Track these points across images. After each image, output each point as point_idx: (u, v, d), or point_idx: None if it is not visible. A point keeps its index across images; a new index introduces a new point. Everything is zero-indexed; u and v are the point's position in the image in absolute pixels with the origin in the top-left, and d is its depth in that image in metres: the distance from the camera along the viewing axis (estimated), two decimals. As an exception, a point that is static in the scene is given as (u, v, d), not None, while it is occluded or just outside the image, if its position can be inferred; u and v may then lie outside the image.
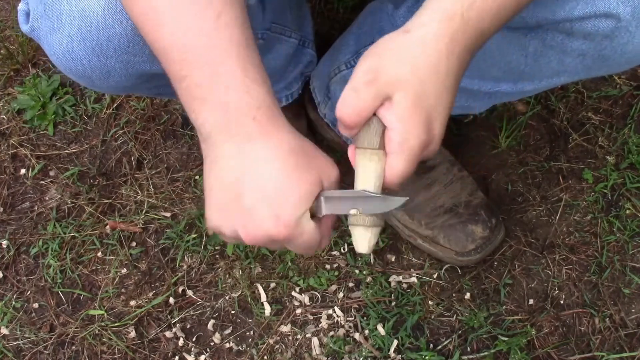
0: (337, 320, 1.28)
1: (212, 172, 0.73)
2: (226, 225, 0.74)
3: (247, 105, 0.70)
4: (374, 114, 0.72)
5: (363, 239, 0.76)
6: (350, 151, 0.76)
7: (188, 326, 1.30)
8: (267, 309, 1.30)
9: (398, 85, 0.70)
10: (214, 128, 0.71)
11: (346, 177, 0.78)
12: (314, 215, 0.74)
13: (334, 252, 1.34)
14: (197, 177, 1.43)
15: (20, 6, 0.90)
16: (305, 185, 0.71)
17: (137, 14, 0.73)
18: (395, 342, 1.25)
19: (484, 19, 0.72)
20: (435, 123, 0.73)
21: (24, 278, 1.36)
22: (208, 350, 1.28)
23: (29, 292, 1.35)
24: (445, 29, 0.71)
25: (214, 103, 0.70)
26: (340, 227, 1.37)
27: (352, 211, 0.75)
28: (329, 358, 1.25)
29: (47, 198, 1.44)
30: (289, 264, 1.33)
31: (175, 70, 0.72)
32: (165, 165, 1.45)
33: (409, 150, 0.72)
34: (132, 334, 1.28)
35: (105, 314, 1.31)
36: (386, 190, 0.75)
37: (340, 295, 1.31)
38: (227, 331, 1.29)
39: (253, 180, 0.71)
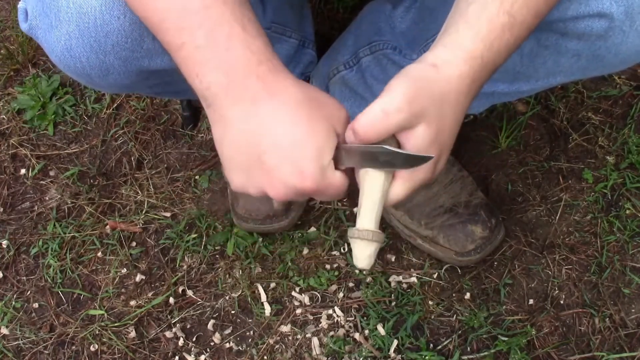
0: (337, 320, 1.28)
1: (224, 137, 0.73)
2: (251, 185, 0.74)
3: (248, 62, 0.70)
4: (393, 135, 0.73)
5: (363, 254, 0.76)
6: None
7: (188, 326, 1.30)
8: (267, 309, 1.30)
9: (424, 118, 0.71)
10: (219, 90, 0.71)
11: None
12: (336, 165, 0.74)
13: (334, 252, 1.34)
14: (197, 177, 1.43)
15: (20, 4, 0.90)
16: (321, 135, 0.71)
17: None
18: (395, 342, 1.25)
19: (500, 56, 0.74)
20: (442, 160, 0.76)
21: (24, 278, 1.36)
22: (208, 350, 1.28)
23: (29, 292, 1.35)
24: (467, 70, 0.72)
25: (215, 62, 0.70)
26: (340, 227, 1.37)
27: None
28: (329, 358, 1.25)
29: (47, 198, 1.44)
30: (289, 264, 1.33)
31: (173, 40, 0.71)
32: (165, 165, 1.46)
33: (415, 181, 0.74)
34: (132, 334, 1.28)
35: (105, 314, 1.31)
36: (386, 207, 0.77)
37: (340, 295, 1.31)
38: (227, 331, 1.29)
39: (270, 140, 0.71)
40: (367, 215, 0.76)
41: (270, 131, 0.71)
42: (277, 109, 0.71)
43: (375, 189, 0.75)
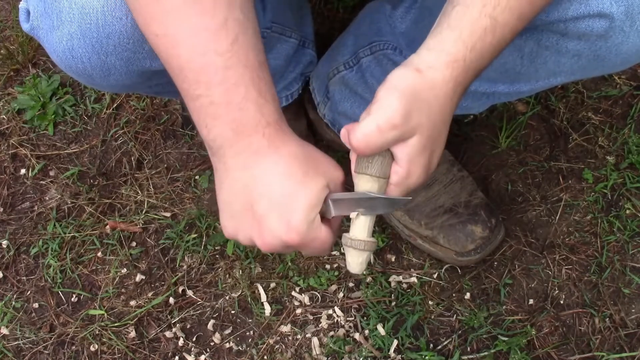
0: (337, 320, 1.28)
1: (223, 183, 0.76)
2: (241, 233, 0.77)
3: (258, 123, 0.73)
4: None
5: (360, 261, 0.80)
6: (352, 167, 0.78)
7: (188, 326, 1.30)
8: (267, 309, 1.30)
9: (416, 130, 0.73)
10: (225, 142, 0.73)
11: (347, 178, 0.80)
12: (323, 217, 0.77)
13: (334, 252, 1.34)
14: (197, 177, 1.43)
15: (21, 4, 0.90)
16: (313, 191, 0.74)
17: (153, 34, 0.73)
18: (395, 342, 1.25)
19: (483, 58, 0.75)
20: (434, 161, 0.78)
21: (24, 278, 1.36)
22: (208, 350, 1.28)
23: (29, 292, 1.35)
24: (450, 72, 0.73)
25: (226, 121, 0.73)
26: (340, 227, 1.36)
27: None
28: (329, 358, 1.25)
29: (47, 198, 1.44)
30: (289, 264, 1.33)
31: (189, 89, 0.73)
32: (165, 165, 1.46)
33: (407, 185, 0.77)
34: (132, 334, 1.28)
35: (105, 314, 1.31)
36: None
37: (340, 295, 1.31)
38: (227, 331, 1.29)
39: (263, 190, 0.74)
40: (360, 224, 0.79)
41: (265, 181, 0.74)
42: (275, 161, 0.74)
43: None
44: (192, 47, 0.71)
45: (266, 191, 0.73)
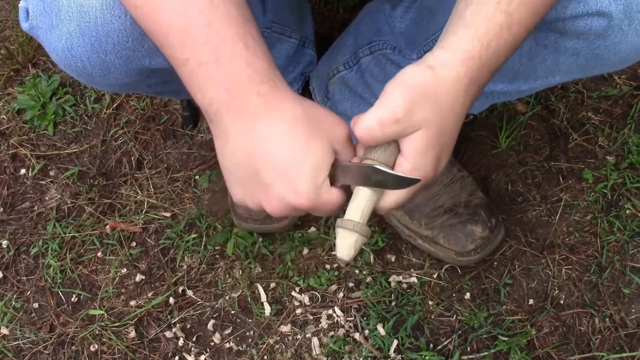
0: (337, 320, 1.28)
1: (225, 151, 0.74)
2: (250, 199, 0.76)
3: (250, 80, 0.71)
4: None
5: (348, 244, 0.76)
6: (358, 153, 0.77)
7: (188, 326, 1.30)
8: (267, 309, 1.30)
9: (422, 124, 0.72)
10: (221, 106, 0.72)
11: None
12: (332, 183, 0.75)
13: (334, 252, 1.34)
14: (197, 177, 1.43)
15: (21, 4, 0.90)
16: (317, 154, 0.72)
17: (133, 6, 0.73)
18: (395, 342, 1.25)
19: (499, 56, 0.75)
20: (443, 159, 0.76)
21: (24, 278, 1.36)
22: (208, 350, 1.28)
23: (29, 292, 1.35)
24: (464, 71, 0.73)
25: (218, 80, 0.71)
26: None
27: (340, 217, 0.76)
28: (329, 358, 1.25)
29: (47, 198, 1.44)
30: (289, 264, 1.33)
31: (177, 55, 0.72)
32: (165, 165, 1.46)
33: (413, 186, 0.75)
34: (132, 334, 1.28)
35: (105, 314, 1.31)
36: (377, 214, 0.77)
37: (340, 295, 1.31)
38: (227, 331, 1.29)
39: (266, 157, 0.72)
40: (356, 207, 0.76)
41: (267, 148, 0.72)
42: (275, 125, 0.72)
43: (364, 188, 0.76)
44: (170, 8, 0.70)
45: (269, 158, 0.72)
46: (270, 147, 0.72)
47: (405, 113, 0.71)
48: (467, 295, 1.30)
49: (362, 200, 0.76)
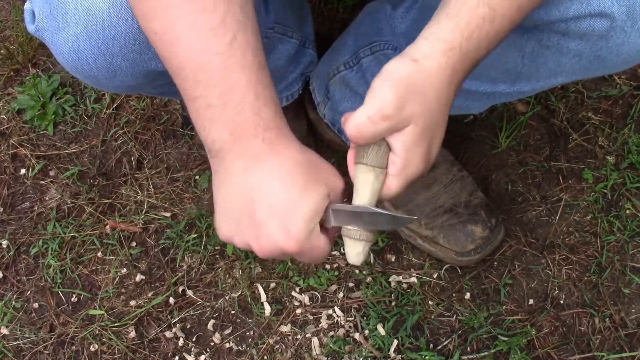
0: (337, 320, 1.28)
1: (222, 186, 0.75)
2: (238, 237, 0.76)
3: (256, 127, 0.72)
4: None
5: (356, 251, 0.79)
6: (350, 158, 0.79)
7: (188, 326, 1.30)
8: (267, 309, 1.30)
9: (411, 119, 0.73)
10: (224, 146, 0.73)
11: (347, 186, 0.80)
12: (322, 226, 0.76)
13: (334, 252, 1.34)
14: (197, 177, 1.43)
15: (27, 6, 0.90)
16: (314, 200, 0.74)
17: (153, 31, 0.73)
18: (395, 342, 1.25)
19: (480, 48, 0.75)
20: (434, 149, 0.77)
21: (24, 278, 1.36)
22: (208, 350, 1.28)
23: (29, 292, 1.35)
24: (446, 60, 0.73)
25: (224, 123, 0.72)
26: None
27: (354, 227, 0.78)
28: (329, 358, 1.25)
29: (47, 198, 1.44)
30: (289, 264, 1.33)
31: (188, 89, 0.73)
32: (165, 165, 1.46)
33: (406, 175, 0.76)
34: (132, 334, 1.28)
35: (105, 314, 1.31)
36: (380, 202, 0.79)
37: (340, 295, 1.31)
38: (227, 331, 1.29)
39: (264, 196, 0.73)
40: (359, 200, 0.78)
41: (266, 187, 0.73)
42: (277, 167, 0.73)
43: (366, 189, 0.77)
44: (190, 45, 0.71)
45: (267, 198, 0.73)
46: (270, 188, 0.73)
47: (394, 109, 0.72)
48: (467, 295, 1.30)
49: (364, 197, 0.77)
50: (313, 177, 0.74)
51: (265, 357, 1.26)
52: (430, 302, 1.29)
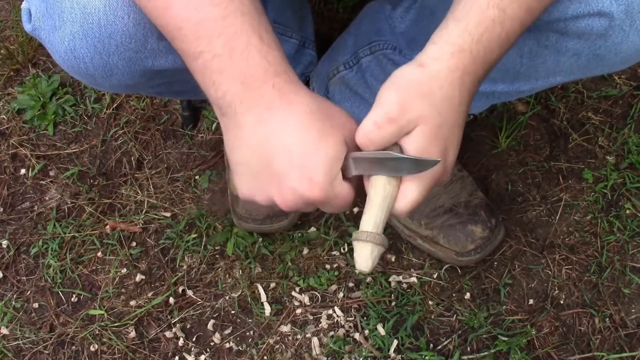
0: (337, 320, 1.28)
1: (236, 142, 0.74)
2: (260, 193, 0.75)
3: (265, 72, 0.71)
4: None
5: (361, 256, 0.76)
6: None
7: (188, 326, 1.30)
8: (267, 309, 1.30)
9: (419, 121, 0.72)
10: (235, 98, 0.72)
11: None
12: (343, 175, 0.75)
13: (334, 252, 1.34)
14: (197, 177, 1.43)
15: (23, 5, 0.90)
16: (332, 147, 0.73)
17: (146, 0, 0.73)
18: (395, 342, 1.25)
19: (492, 51, 0.75)
20: (450, 152, 0.76)
21: (24, 278, 1.36)
22: (208, 350, 1.28)
23: (29, 292, 1.35)
24: (456, 63, 0.73)
25: (233, 72, 0.71)
26: (340, 227, 1.37)
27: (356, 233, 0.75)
28: (329, 358, 1.25)
29: (47, 198, 1.44)
30: (289, 264, 1.33)
31: (190, 48, 0.72)
32: (165, 165, 1.46)
33: (425, 180, 0.74)
34: (132, 334, 1.28)
35: (105, 314, 1.31)
36: (394, 216, 0.77)
37: (340, 295, 1.31)
38: (227, 331, 1.29)
39: (281, 148, 0.72)
40: (368, 219, 0.76)
41: (282, 138, 0.72)
42: (290, 116, 0.72)
43: (378, 193, 0.75)
44: (186, 3, 0.70)
45: (284, 148, 0.72)
46: (286, 138, 0.72)
47: (399, 112, 0.72)
48: (467, 295, 1.30)
49: (374, 208, 0.76)
50: (328, 123, 0.73)
51: (265, 357, 1.26)
52: (430, 302, 1.29)
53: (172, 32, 0.73)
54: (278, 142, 0.72)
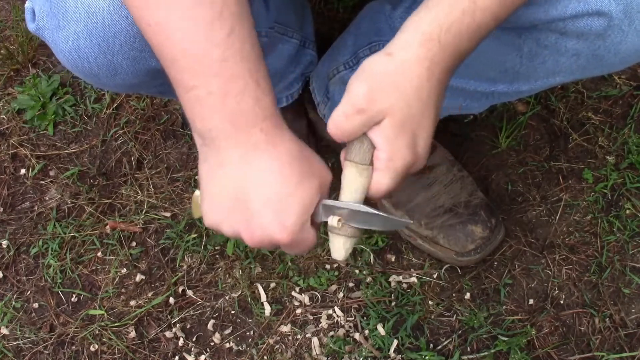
0: (337, 320, 1.28)
1: (214, 175, 0.75)
2: (227, 225, 0.76)
3: (256, 117, 0.72)
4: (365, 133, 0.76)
5: (340, 247, 0.80)
6: (342, 157, 0.79)
7: (188, 326, 1.30)
8: (267, 309, 1.30)
9: (386, 111, 0.74)
10: (221, 134, 0.73)
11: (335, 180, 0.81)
12: (312, 220, 0.77)
13: (334, 252, 1.34)
14: (197, 177, 1.43)
15: (27, 4, 0.90)
16: (309, 193, 0.74)
17: (146, 23, 0.73)
18: (395, 342, 1.25)
19: (461, 41, 0.75)
20: (420, 142, 0.77)
21: (24, 278, 1.36)
22: (208, 350, 1.28)
23: (29, 292, 1.35)
24: (424, 53, 0.73)
25: (224, 112, 0.72)
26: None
27: (333, 222, 0.78)
28: (329, 358, 1.25)
29: (47, 198, 1.44)
30: (289, 264, 1.33)
31: (183, 80, 0.72)
32: (165, 165, 1.46)
33: (394, 169, 0.76)
34: (132, 334, 1.28)
35: (105, 314, 1.31)
36: (369, 200, 0.79)
37: (340, 295, 1.31)
38: (227, 331, 1.29)
39: (259, 187, 0.73)
40: (344, 198, 0.79)
41: (262, 179, 0.73)
42: (274, 159, 0.73)
43: (351, 185, 0.78)
44: (187, 37, 0.70)
45: (262, 189, 0.73)
46: (266, 179, 0.73)
47: (366, 102, 0.73)
48: (467, 295, 1.30)
49: (347, 199, 0.78)
50: (307, 171, 0.75)
51: (265, 357, 1.26)
52: (430, 302, 1.29)
53: (167, 61, 0.73)
54: (257, 183, 0.73)
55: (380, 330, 1.26)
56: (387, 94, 0.73)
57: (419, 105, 0.75)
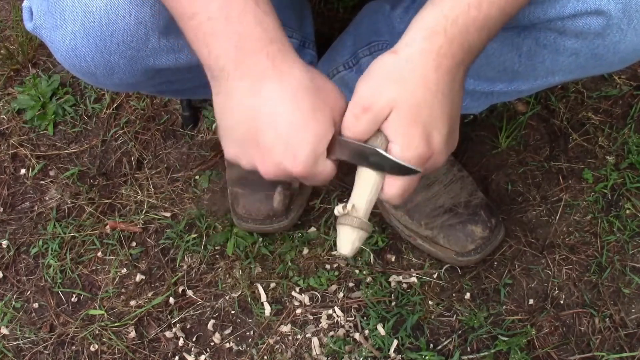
0: (337, 320, 1.28)
1: (226, 108, 0.75)
2: (244, 158, 0.76)
3: (260, 39, 0.72)
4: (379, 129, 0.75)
5: (348, 240, 0.78)
6: None
7: (188, 326, 1.30)
8: (267, 309, 1.30)
9: (391, 104, 0.73)
10: (228, 62, 0.72)
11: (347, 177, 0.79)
12: (328, 154, 0.75)
13: (334, 252, 1.34)
14: (197, 177, 1.43)
15: (25, 3, 0.90)
16: (320, 125, 0.73)
17: None
18: (395, 342, 1.25)
19: (469, 34, 0.74)
20: (435, 135, 0.75)
21: (24, 278, 1.36)
22: (208, 350, 1.28)
23: (29, 292, 1.35)
24: (429, 45, 0.73)
25: (227, 35, 0.71)
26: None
27: (339, 209, 0.77)
28: (329, 358, 1.25)
29: (47, 198, 1.44)
30: (289, 264, 1.33)
31: (185, 8, 0.72)
32: (165, 165, 1.46)
33: (407, 160, 0.75)
34: (132, 334, 1.28)
35: (105, 314, 1.31)
36: (385, 202, 0.78)
37: (340, 295, 1.31)
38: (227, 331, 1.29)
39: (269, 119, 0.72)
40: (356, 199, 0.78)
41: (271, 111, 0.72)
42: (282, 89, 0.72)
43: (367, 179, 0.77)
44: None
45: (272, 121, 0.72)
46: (276, 110, 0.72)
47: (371, 99, 0.73)
48: (467, 295, 1.30)
49: (361, 193, 0.77)
50: (320, 101, 0.74)
51: (265, 357, 1.26)
52: (430, 302, 1.29)
53: None
54: (267, 115, 0.72)
55: (380, 330, 1.26)
56: (390, 87, 0.73)
57: (426, 96, 0.74)
